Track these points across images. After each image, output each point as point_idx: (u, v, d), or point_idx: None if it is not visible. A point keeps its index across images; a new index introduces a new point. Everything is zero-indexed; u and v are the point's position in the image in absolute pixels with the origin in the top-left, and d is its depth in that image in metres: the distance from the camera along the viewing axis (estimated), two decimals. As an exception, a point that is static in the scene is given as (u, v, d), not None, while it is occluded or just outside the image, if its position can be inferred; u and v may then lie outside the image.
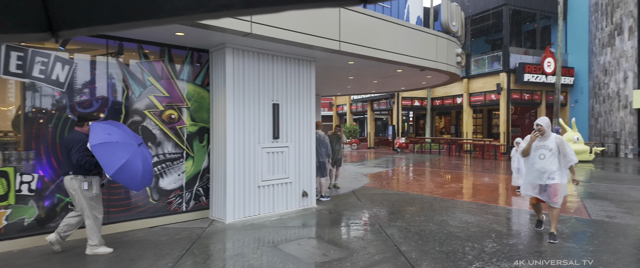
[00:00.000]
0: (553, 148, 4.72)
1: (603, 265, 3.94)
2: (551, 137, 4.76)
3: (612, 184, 9.40)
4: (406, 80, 10.18)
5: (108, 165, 3.82)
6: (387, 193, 8.29)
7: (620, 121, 17.67)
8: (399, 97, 23.83)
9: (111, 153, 3.89)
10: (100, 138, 3.91)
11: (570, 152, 4.67)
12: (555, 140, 4.73)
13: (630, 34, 17.10)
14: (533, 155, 4.85)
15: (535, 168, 4.80)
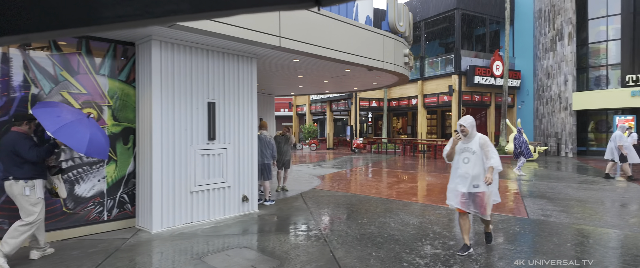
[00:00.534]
0: (477, 151, 4.24)
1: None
2: (475, 138, 4.28)
3: (552, 182, 9.78)
4: (357, 80, 10.06)
5: (77, 145, 3.79)
6: (336, 195, 8.08)
7: (561, 122, 18.69)
8: (356, 97, 23.91)
9: (74, 133, 3.83)
10: (56, 123, 3.80)
11: (493, 153, 4.20)
12: (479, 140, 4.26)
13: (570, 40, 18.13)
14: (457, 160, 4.39)
15: (459, 174, 4.32)
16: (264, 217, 6.15)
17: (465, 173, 4.26)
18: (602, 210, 6.47)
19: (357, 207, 6.91)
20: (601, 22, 17.89)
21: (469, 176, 4.24)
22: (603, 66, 17.85)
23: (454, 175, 4.42)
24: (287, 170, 8.59)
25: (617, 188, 8.88)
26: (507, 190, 8.63)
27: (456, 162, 4.40)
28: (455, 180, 4.39)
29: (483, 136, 4.31)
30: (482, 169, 4.25)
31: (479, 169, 4.24)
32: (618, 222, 5.66)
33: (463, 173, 4.28)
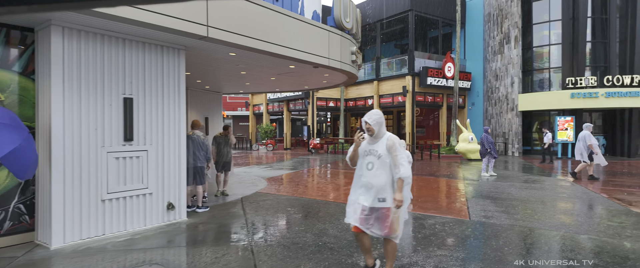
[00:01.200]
0: (383, 155, 3.35)
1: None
2: (382, 139, 3.41)
3: (497, 182, 9.90)
4: (306, 78, 9.66)
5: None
6: (279, 199, 7.63)
7: (508, 122, 19.38)
8: (313, 97, 23.59)
9: None
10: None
11: (402, 159, 3.33)
12: (387, 141, 3.37)
13: (516, 43, 18.84)
14: (360, 165, 3.50)
15: (361, 183, 3.43)
16: (192, 226, 5.58)
17: (368, 183, 3.37)
18: (541, 210, 6.48)
19: (299, 211, 6.50)
20: (544, 27, 18.74)
21: (373, 187, 3.34)
22: (546, 69, 18.70)
23: (356, 184, 3.51)
24: (228, 173, 8.02)
25: (558, 187, 9.11)
26: (454, 191, 8.57)
27: (359, 168, 3.51)
28: (357, 190, 3.48)
29: (392, 136, 3.43)
30: (390, 179, 3.36)
31: (386, 178, 3.34)
32: (555, 223, 5.65)
33: (366, 183, 3.38)
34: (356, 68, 9.06)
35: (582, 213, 6.35)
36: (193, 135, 6.37)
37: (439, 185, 9.55)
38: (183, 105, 5.84)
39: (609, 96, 16.45)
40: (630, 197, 7.71)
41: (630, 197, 7.71)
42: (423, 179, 10.57)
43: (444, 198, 7.73)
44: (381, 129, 3.43)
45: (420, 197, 7.80)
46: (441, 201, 7.42)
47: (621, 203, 7.03)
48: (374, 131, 3.40)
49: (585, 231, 5.17)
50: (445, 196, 7.93)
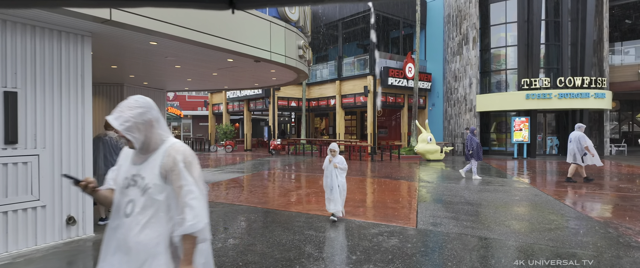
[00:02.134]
0: (152, 186, 1.75)
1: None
2: (157, 152, 1.79)
3: (451, 183, 9.62)
4: (252, 74, 8.95)
5: None
6: (212, 208, 6.87)
7: (466, 123, 19.48)
8: (274, 96, 22.82)
9: None
10: None
11: (190, 193, 1.72)
12: (163, 159, 1.76)
13: (474, 44, 18.95)
14: (116, 208, 1.84)
15: (114, 245, 1.79)
16: (97, 243, 4.75)
17: (124, 244, 1.73)
18: (492, 216, 6.12)
19: (227, 223, 5.80)
20: (501, 29, 18.98)
21: (132, 252, 1.71)
22: (503, 70, 18.94)
23: (108, 245, 1.80)
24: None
25: (513, 189, 8.90)
26: (406, 195, 8.15)
27: (115, 213, 1.82)
28: (108, 259, 1.77)
29: (176, 146, 1.80)
30: (165, 233, 1.74)
31: (158, 233, 1.73)
32: (504, 229, 5.27)
33: (121, 243, 1.75)
34: (305, 64, 8.46)
35: (534, 218, 6.05)
36: (105, 137, 5.52)
37: (393, 188, 9.12)
38: (88, 102, 4.99)
39: (562, 97, 16.82)
40: (581, 199, 7.57)
41: (581, 199, 7.57)
42: (378, 182, 10.12)
43: (394, 203, 7.27)
44: (149, 133, 1.79)
45: (369, 203, 7.29)
46: (390, 206, 6.94)
47: (570, 205, 6.83)
48: (132, 141, 1.77)
49: (535, 239, 4.81)
50: (395, 201, 7.48)
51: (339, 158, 5.63)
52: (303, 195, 8.17)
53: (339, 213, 5.74)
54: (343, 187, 5.68)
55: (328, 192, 5.65)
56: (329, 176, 5.63)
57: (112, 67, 7.64)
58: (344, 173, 5.67)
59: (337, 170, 5.59)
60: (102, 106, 10.04)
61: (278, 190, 8.89)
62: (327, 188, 5.67)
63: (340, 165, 5.61)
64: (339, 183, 5.59)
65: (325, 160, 5.70)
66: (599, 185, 9.29)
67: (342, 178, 5.64)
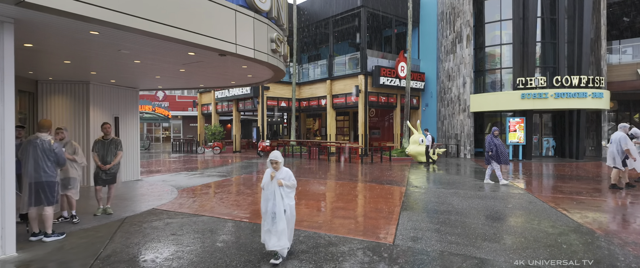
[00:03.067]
0: None
1: None
2: None
3: (441, 189, 8.95)
4: (224, 70, 8.24)
5: None
6: (174, 219, 6.17)
7: (460, 124, 18.84)
8: (263, 96, 22.12)
9: None
10: None
11: None
12: None
13: (468, 42, 18.33)
14: None
15: None
16: (22, 265, 4.04)
17: None
18: (481, 229, 5.45)
19: (189, 237, 5.09)
20: (496, 27, 18.36)
21: None
22: (498, 69, 18.32)
23: None
24: (112, 186, 6.46)
25: (506, 195, 8.24)
26: (389, 202, 7.46)
27: None
28: None
29: None
30: None
31: None
32: (494, 247, 4.60)
33: None
34: (280, 60, 7.76)
35: (528, 231, 5.38)
36: (36, 140, 4.80)
37: (377, 193, 8.44)
38: (10, 101, 4.27)
39: (558, 97, 16.21)
40: (578, 206, 6.92)
41: (578, 206, 6.92)
42: (362, 187, 9.44)
43: (375, 211, 6.59)
44: None
45: (347, 212, 6.60)
46: (370, 216, 6.26)
47: (568, 215, 6.17)
48: None
49: (529, 256, 4.14)
50: (377, 209, 6.79)
51: (284, 173, 4.18)
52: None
53: (284, 251, 4.12)
54: (291, 212, 4.18)
55: (268, 221, 4.07)
56: (270, 198, 4.09)
57: (65, 62, 6.92)
58: (293, 192, 4.23)
59: (282, 188, 4.12)
60: (66, 106, 9.32)
61: (252, 197, 8.19)
62: (267, 215, 4.10)
63: (287, 181, 4.15)
64: (285, 206, 4.09)
65: (265, 176, 4.20)
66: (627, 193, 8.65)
67: (290, 199, 4.17)
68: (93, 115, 9.55)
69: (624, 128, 8.73)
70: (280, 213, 4.05)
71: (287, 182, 4.15)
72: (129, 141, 10.71)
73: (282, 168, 4.22)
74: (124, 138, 10.50)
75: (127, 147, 10.63)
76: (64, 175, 5.67)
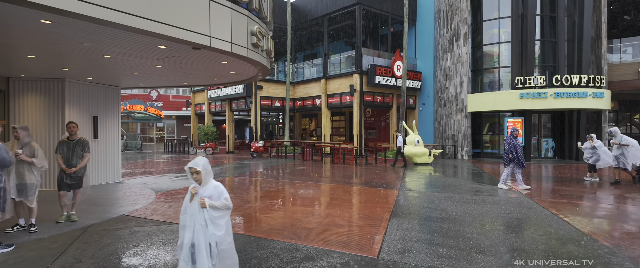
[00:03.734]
0: None
1: None
2: None
3: (435, 192, 8.47)
4: (205, 66, 7.74)
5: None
6: (143, 226, 5.68)
7: (457, 124, 18.37)
8: (257, 96, 21.62)
9: None
10: None
11: None
12: None
13: (465, 41, 17.86)
14: None
15: None
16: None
17: None
18: (476, 239, 4.96)
19: (146, 252, 4.60)
20: (494, 25, 17.90)
21: None
22: (496, 68, 17.86)
23: None
24: (77, 191, 5.96)
25: (503, 200, 7.76)
26: (379, 207, 6.97)
27: None
28: None
29: None
30: None
31: None
32: (490, 262, 4.11)
33: None
34: (263, 55, 7.27)
35: (527, 242, 4.90)
36: (-23, 141, 4.30)
37: (367, 198, 7.95)
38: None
39: (558, 96, 15.74)
40: (581, 213, 6.44)
41: (581, 213, 6.44)
42: (353, 190, 8.95)
43: (362, 218, 6.10)
44: None
45: (332, 219, 6.11)
46: (356, 224, 5.77)
47: (570, 222, 5.69)
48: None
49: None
50: (365, 216, 6.31)
51: (211, 188, 3.07)
52: (262, 209, 6.98)
53: None
54: (224, 246, 3.02)
55: (185, 258, 2.99)
56: (190, 226, 3.00)
57: (29, 56, 6.43)
58: (224, 217, 3.07)
59: (206, 212, 3.00)
60: (40, 104, 8.82)
61: (237, 200, 7.70)
62: (183, 249, 3.00)
63: (215, 200, 3.03)
64: (210, 239, 2.97)
65: (185, 199, 3.12)
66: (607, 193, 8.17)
67: (219, 228, 3.01)
68: (69, 114, 9.05)
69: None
70: (201, 248, 2.91)
71: (214, 202, 3.01)
72: (109, 142, 10.21)
73: (210, 182, 3.10)
74: (104, 138, 10.01)
75: (108, 148, 10.14)
76: (20, 181, 5.18)
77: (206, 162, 3.11)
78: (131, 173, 12.36)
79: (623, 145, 9.51)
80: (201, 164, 3.05)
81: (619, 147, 9.60)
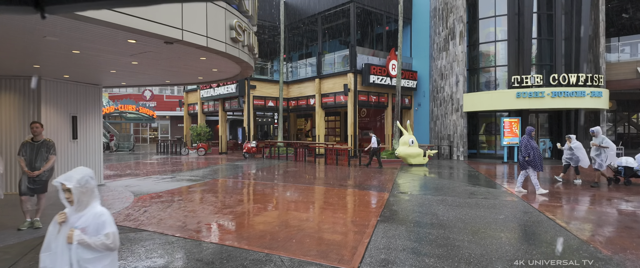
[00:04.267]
0: None
1: None
2: None
3: (427, 195, 8.11)
4: (183, 63, 7.36)
5: None
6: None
7: (453, 124, 18.03)
8: (249, 95, 21.24)
9: None
10: None
11: None
12: None
13: (461, 39, 17.52)
14: None
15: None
16: None
17: None
18: (467, 248, 4.60)
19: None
20: (490, 23, 17.56)
21: None
22: (492, 67, 17.52)
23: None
24: (42, 196, 5.56)
25: (499, 204, 7.40)
26: (367, 212, 6.60)
27: None
28: None
29: None
30: None
31: None
32: (481, 273, 3.75)
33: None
34: (244, 51, 6.90)
35: (522, 251, 4.53)
36: None
37: (356, 201, 7.58)
38: None
39: (555, 96, 15.41)
40: (579, 217, 6.09)
41: (579, 217, 6.09)
42: (342, 193, 8.58)
43: (347, 225, 5.73)
44: None
45: (314, 225, 5.74)
46: (339, 231, 5.40)
47: (567, 228, 5.34)
48: None
49: (521, 292, 3.29)
50: (350, 221, 5.94)
51: (89, 218, 2.18)
52: (234, 213, 6.60)
53: None
54: None
55: None
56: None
57: (-10, 52, 6.04)
58: (99, 261, 2.17)
59: (76, 250, 2.12)
60: (14, 103, 8.41)
61: (213, 206, 7.31)
62: None
63: (89, 237, 2.14)
64: None
65: (49, 230, 2.22)
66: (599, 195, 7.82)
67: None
68: (46, 114, 8.64)
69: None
70: None
71: (87, 238, 2.13)
72: (89, 142, 9.81)
73: (90, 206, 2.21)
74: (84, 139, 9.60)
75: (88, 149, 9.75)
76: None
77: (86, 175, 2.19)
78: (116, 175, 11.96)
79: (603, 147, 9.13)
80: (76, 179, 2.15)
81: (597, 149, 9.21)
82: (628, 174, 9.32)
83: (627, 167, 9.29)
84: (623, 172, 9.38)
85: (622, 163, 9.38)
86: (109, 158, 19.78)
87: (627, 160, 9.37)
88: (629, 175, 9.33)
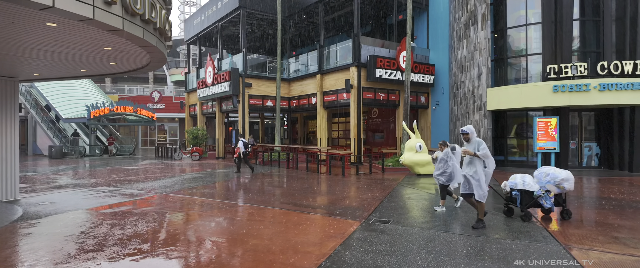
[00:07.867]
0: None
1: None
2: None
3: (414, 228, 5.54)
4: (82, 44, 5.21)
5: None
6: None
7: (475, 125, 15.09)
8: (244, 94, 19.17)
9: None
10: None
11: None
12: None
13: (484, 23, 14.61)
14: None
15: None
16: None
17: None
18: None
19: None
20: (520, 4, 14.55)
21: None
22: (523, 56, 14.50)
23: None
24: None
25: (515, 248, 4.74)
26: (307, 256, 4.15)
27: None
28: None
29: None
30: None
31: None
32: None
33: None
34: (149, 30, 4.64)
35: None
36: None
37: (299, 239, 5.15)
38: None
39: (604, 89, 12.24)
40: None
41: None
42: (296, 221, 6.14)
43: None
44: None
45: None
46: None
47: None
48: None
49: None
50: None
51: None
52: (173, 236, 4.35)
53: None
54: None
55: None
56: None
57: None
58: None
59: None
60: None
61: (108, 239, 5.11)
62: None
63: None
64: None
65: None
66: None
67: None
68: None
69: None
70: None
71: None
72: (2, 147, 7.93)
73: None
74: None
75: (1, 155, 7.88)
76: None
77: None
78: (48, 188, 10.02)
79: (477, 156, 5.56)
80: None
81: (470, 159, 5.65)
82: (525, 201, 6.15)
83: (525, 190, 6.13)
84: (518, 198, 6.21)
85: (518, 185, 6.16)
86: (94, 163, 18.26)
87: (524, 180, 6.15)
88: (526, 203, 6.11)
